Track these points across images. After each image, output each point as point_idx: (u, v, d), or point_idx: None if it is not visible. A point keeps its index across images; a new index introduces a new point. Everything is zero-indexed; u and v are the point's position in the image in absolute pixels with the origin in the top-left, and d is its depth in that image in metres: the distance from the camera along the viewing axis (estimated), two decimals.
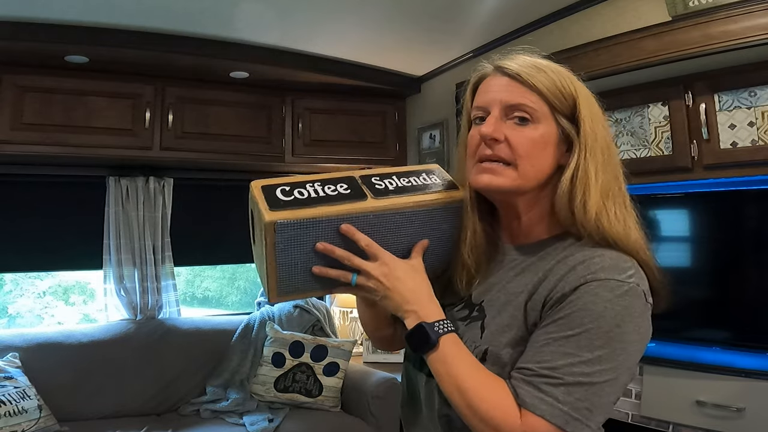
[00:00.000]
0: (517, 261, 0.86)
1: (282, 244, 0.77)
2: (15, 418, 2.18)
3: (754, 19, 1.69)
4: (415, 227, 0.83)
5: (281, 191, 0.79)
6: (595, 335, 0.70)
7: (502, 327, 0.79)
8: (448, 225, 0.85)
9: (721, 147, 1.91)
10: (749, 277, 1.91)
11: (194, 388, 2.79)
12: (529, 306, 0.78)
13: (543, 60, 0.84)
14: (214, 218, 3.24)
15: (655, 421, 1.98)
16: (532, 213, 0.85)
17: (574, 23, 2.26)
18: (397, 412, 2.68)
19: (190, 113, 2.82)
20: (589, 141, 0.79)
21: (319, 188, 0.81)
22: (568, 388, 0.69)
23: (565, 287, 0.74)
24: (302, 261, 0.80)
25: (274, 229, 0.75)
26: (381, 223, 0.80)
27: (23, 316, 3.52)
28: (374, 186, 0.83)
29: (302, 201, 0.78)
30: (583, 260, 0.75)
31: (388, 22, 2.47)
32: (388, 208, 0.80)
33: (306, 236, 0.77)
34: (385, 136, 3.28)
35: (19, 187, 2.83)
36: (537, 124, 0.80)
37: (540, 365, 0.71)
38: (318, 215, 0.77)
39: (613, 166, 0.82)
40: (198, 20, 2.37)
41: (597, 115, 0.82)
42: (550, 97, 0.80)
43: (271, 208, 0.76)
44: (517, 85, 0.81)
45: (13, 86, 2.46)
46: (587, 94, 0.83)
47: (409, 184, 0.85)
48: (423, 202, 0.83)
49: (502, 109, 0.81)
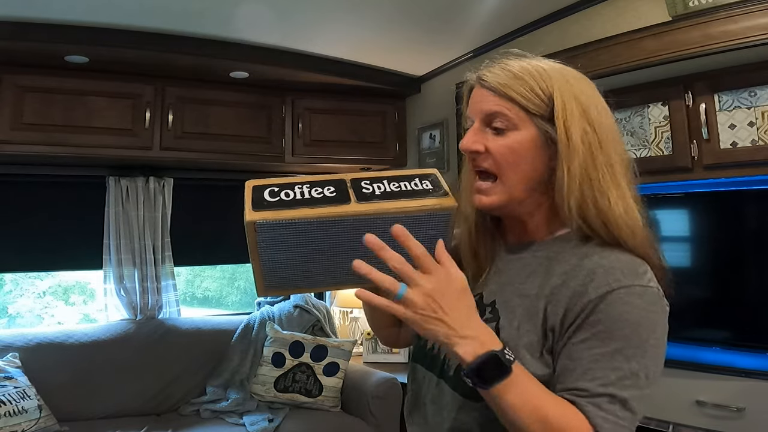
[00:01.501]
0: (527, 261, 0.85)
1: (264, 243, 0.79)
2: (15, 418, 2.18)
3: (754, 19, 1.69)
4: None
5: (269, 192, 0.81)
6: (636, 344, 0.72)
7: (519, 330, 0.79)
8: (435, 231, 0.84)
9: (721, 147, 1.91)
10: (749, 277, 1.91)
11: (194, 388, 2.79)
12: (549, 311, 0.77)
13: (527, 62, 0.83)
14: (214, 218, 3.24)
15: (655, 421, 1.97)
16: (536, 217, 0.86)
17: (574, 23, 2.26)
18: (397, 412, 2.68)
19: (190, 113, 2.82)
20: (563, 140, 0.78)
21: (306, 190, 0.82)
22: (624, 404, 0.71)
23: (591, 294, 0.74)
24: (285, 259, 0.81)
25: (254, 229, 0.77)
26: (362, 227, 0.79)
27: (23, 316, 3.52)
28: (361, 190, 0.83)
29: (286, 202, 0.80)
30: (600, 264, 0.76)
31: (388, 22, 2.47)
32: (369, 212, 0.80)
33: (285, 237, 0.79)
34: (385, 136, 3.28)
35: (19, 187, 2.83)
36: (515, 131, 0.81)
37: (595, 383, 0.71)
38: (297, 217, 0.78)
39: (607, 161, 0.79)
40: (198, 20, 2.37)
41: (578, 112, 0.79)
42: (525, 103, 0.80)
43: (253, 208, 0.78)
44: (493, 95, 0.82)
45: (13, 86, 2.46)
46: (571, 92, 0.80)
47: (398, 189, 0.84)
48: (406, 209, 0.81)
49: (482, 120, 0.83)
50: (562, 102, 0.80)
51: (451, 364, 0.83)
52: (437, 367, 0.87)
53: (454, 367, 0.82)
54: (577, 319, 0.74)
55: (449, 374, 0.83)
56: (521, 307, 0.80)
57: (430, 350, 0.90)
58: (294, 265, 0.82)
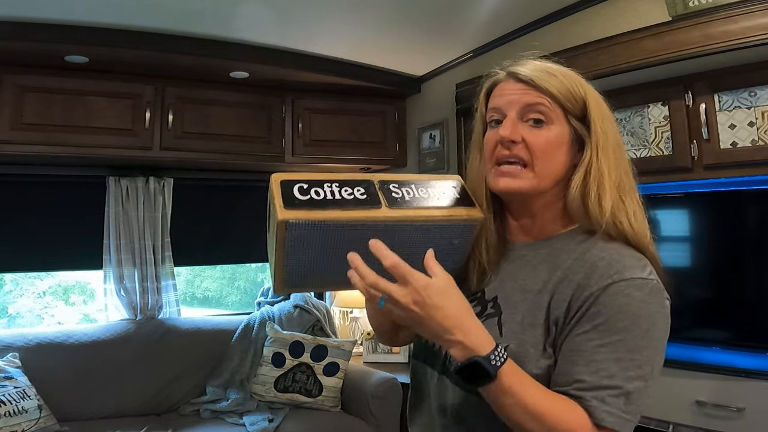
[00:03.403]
0: (529, 257, 0.87)
1: (291, 241, 0.78)
2: (15, 418, 2.18)
3: (754, 19, 1.69)
4: (426, 240, 0.82)
5: (299, 189, 0.80)
6: (638, 336, 0.73)
7: (522, 325, 0.80)
8: (460, 240, 0.84)
9: (721, 147, 1.91)
10: (749, 277, 1.91)
11: (194, 388, 2.79)
12: (552, 304, 0.78)
13: (553, 64, 0.87)
14: (214, 218, 3.24)
15: (655, 421, 1.97)
16: (547, 211, 0.87)
17: (574, 23, 2.26)
18: (397, 412, 2.68)
19: (190, 113, 2.82)
20: (600, 140, 0.82)
21: (336, 190, 0.81)
22: (627, 396, 0.72)
23: (592, 286, 0.75)
24: (309, 259, 0.81)
25: (285, 227, 0.76)
26: (392, 233, 0.79)
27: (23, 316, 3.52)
28: (391, 194, 0.82)
29: (317, 202, 0.78)
30: (602, 257, 0.78)
31: (388, 22, 2.47)
32: (402, 218, 0.79)
33: (315, 237, 0.78)
34: (385, 136, 3.28)
35: (19, 187, 2.83)
36: (551, 125, 0.83)
37: (597, 376, 0.72)
38: (330, 218, 0.77)
39: (624, 163, 0.85)
40: (198, 20, 2.37)
41: (606, 115, 0.85)
42: (562, 100, 0.83)
43: (285, 206, 0.77)
44: (531, 89, 0.83)
45: (13, 86, 2.46)
46: (596, 96, 0.86)
47: (426, 195, 0.84)
48: (436, 217, 0.81)
49: (518, 111, 0.84)
50: (596, 104, 0.85)
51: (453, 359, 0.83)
52: (438, 362, 0.88)
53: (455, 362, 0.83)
54: (579, 311, 0.75)
55: (451, 369, 0.83)
56: (525, 302, 0.81)
57: (432, 346, 0.90)
58: (317, 266, 0.82)
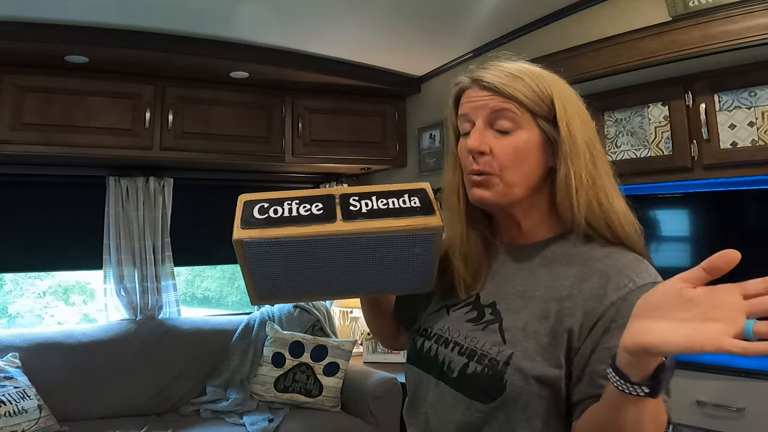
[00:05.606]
0: (525, 261, 0.85)
1: (251, 258, 0.81)
2: (15, 418, 2.18)
3: (754, 19, 1.69)
4: (383, 251, 0.83)
5: (259, 209, 0.82)
6: None
7: (525, 332, 0.78)
8: (421, 249, 0.84)
9: (721, 147, 1.91)
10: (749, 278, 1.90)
11: (194, 388, 2.79)
12: (563, 314, 0.77)
13: (522, 64, 0.85)
14: (214, 218, 3.23)
15: None
16: (532, 217, 0.86)
17: (574, 23, 2.26)
18: (397, 412, 2.68)
19: (190, 113, 2.82)
20: (568, 141, 0.80)
21: (295, 207, 0.83)
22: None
23: (611, 296, 0.74)
24: (273, 274, 0.83)
25: (241, 246, 0.79)
26: (346, 245, 0.81)
27: (23, 316, 3.52)
28: (348, 207, 0.83)
29: (273, 220, 0.81)
30: (610, 265, 0.77)
31: (388, 22, 2.47)
32: (354, 231, 0.80)
33: (273, 253, 0.80)
34: (385, 136, 3.28)
35: (19, 187, 2.83)
36: (519, 130, 0.81)
37: None
38: (282, 235, 0.79)
39: (602, 163, 0.82)
40: (198, 20, 2.37)
41: (575, 114, 0.82)
42: (529, 104, 0.81)
43: (241, 226, 0.80)
44: (494, 95, 0.81)
45: (13, 86, 2.46)
46: (566, 96, 0.83)
47: (385, 206, 0.83)
48: (391, 228, 0.81)
49: (485, 119, 0.82)
50: (562, 104, 0.81)
51: (453, 366, 0.82)
52: (435, 368, 0.86)
53: (457, 369, 0.82)
54: (599, 320, 0.74)
55: (451, 376, 0.82)
56: (526, 309, 0.80)
57: (427, 353, 0.89)
58: (283, 278, 0.84)
